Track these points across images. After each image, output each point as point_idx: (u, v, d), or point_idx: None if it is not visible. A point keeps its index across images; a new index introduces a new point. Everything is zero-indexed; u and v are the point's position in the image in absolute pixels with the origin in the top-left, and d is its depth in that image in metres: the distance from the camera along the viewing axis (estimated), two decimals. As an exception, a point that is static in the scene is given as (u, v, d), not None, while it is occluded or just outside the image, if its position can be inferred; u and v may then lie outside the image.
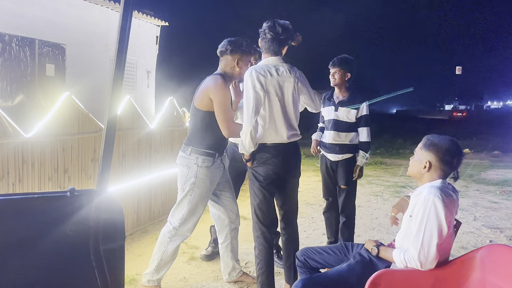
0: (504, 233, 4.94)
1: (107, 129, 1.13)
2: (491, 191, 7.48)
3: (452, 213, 2.10)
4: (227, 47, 2.95)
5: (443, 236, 2.03)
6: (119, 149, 4.18)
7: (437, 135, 2.24)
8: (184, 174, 2.98)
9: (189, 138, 3.02)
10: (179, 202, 3.02)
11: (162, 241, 3.04)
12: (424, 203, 2.07)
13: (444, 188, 2.12)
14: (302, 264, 2.60)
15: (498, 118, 36.59)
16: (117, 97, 1.12)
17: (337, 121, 3.79)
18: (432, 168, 2.17)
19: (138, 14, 9.25)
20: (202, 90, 2.91)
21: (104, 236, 1.14)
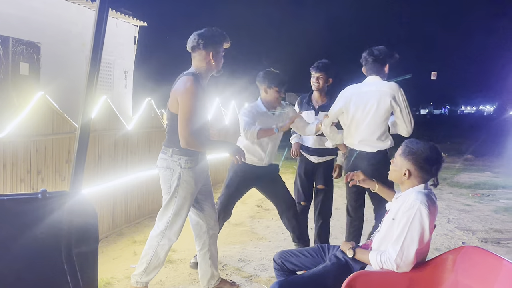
0: (476, 235, 5.06)
1: (81, 130, 1.11)
2: (464, 194, 7.66)
3: (435, 220, 2.14)
4: (199, 41, 2.80)
5: (424, 243, 2.07)
6: (95, 150, 4.10)
7: (416, 141, 2.24)
8: (167, 177, 2.89)
9: (168, 140, 2.91)
10: (165, 206, 2.94)
11: (151, 245, 2.96)
12: (410, 208, 2.08)
13: (430, 194, 2.15)
14: (279, 267, 2.60)
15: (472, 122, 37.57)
16: (91, 97, 1.10)
17: None
18: (411, 176, 2.20)
19: (116, 14, 9.13)
20: (172, 92, 2.80)
21: (76, 239, 1.11)
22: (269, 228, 5.02)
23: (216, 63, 2.89)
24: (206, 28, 2.87)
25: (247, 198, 6.48)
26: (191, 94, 2.70)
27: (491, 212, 6.24)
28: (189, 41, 2.87)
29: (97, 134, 4.12)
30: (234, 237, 4.60)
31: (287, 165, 10.52)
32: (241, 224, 5.12)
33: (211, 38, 2.83)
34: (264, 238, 4.62)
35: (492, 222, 5.70)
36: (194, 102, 2.71)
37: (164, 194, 2.95)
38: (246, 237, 4.64)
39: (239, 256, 4.02)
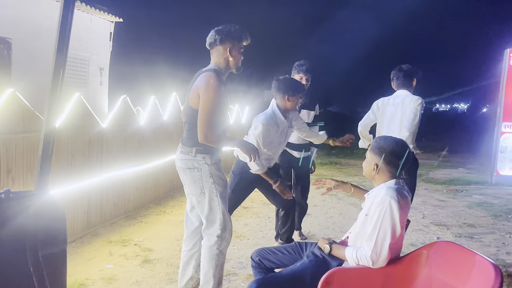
0: (450, 230, 5.17)
1: (46, 128, 1.06)
2: (438, 190, 7.82)
3: (406, 214, 2.16)
4: (216, 37, 2.79)
5: (396, 237, 2.09)
6: (68, 149, 4.00)
7: (385, 137, 2.31)
8: (197, 178, 2.82)
9: (190, 139, 2.83)
10: (210, 209, 2.85)
11: (211, 256, 2.86)
12: (380, 204, 2.12)
13: (400, 189, 2.18)
14: (257, 264, 2.59)
15: (446, 120, 38.40)
16: (57, 94, 1.06)
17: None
18: (380, 170, 2.25)
19: (91, 9, 8.94)
20: (194, 88, 2.75)
21: (43, 240, 1.07)
22: (248, 226, 5.01)
23: (234, 60, 2.85)
24: (224, 24, 2.85)
25: (225, 196, 6.45)
26: (214, 90, 2.68)
27: (465, 207, 6.39)
28: (208, 38, 2.84)
29: (71, 132, 4.02)
30: (212, 235, 4.56)
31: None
32: (219, 222, 5.09)
33: (228, 34, 2.80)
34: (242, 236, 4.60)
35: (466, 217, 5.83)
36: (217, 98, 2.69)
37: (198, 196, 2.85)
38: (224, 235, 4.61)
39: (217, 255, 3.99)
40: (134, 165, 5.16)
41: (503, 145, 8.48)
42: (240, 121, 9.08)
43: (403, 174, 2.27)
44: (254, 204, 6.06)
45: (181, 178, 2.94)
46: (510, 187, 8.16)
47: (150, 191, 5.70)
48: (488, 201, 6.87)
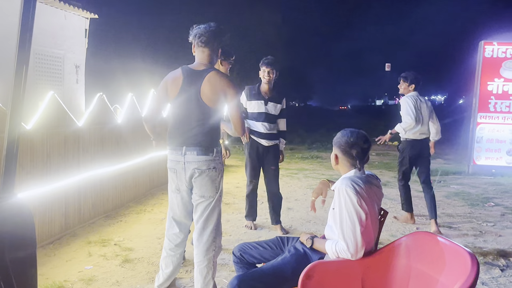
0: (429, 220, 5.25)
1: (9, 127, 1.02)
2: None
3: (369, 200, 2.15)
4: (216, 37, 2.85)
5: (364, 223, 2.10)
6: (43, 149, 3.91)
7: (345, 129, 2.37)
8: (214, 177, 2.82)
9: (209, 140, 2.81)
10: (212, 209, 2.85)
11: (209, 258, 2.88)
12: (339, 195, 2.16)
13: (356, 177, 2.21)
14: (239, 259, 2.58)
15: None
16: (20, 92, 1.01)
17: (267, 114, 4.49)
18: (339, 161, 2.32)
19: (65, 6, 8.73)
20: (217, 88, 2.75)
21: (10, 244, 1.03)
22: (230, 222, 4.99)
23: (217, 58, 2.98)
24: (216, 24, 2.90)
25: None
26: (237, 89, 2.85)
27: (443, 198, 6.50)
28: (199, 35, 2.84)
29: (45, 132, 3.93)
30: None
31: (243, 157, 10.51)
32: (201, 219, 5.06)
33: (223, 35, 2.92)
34: (224, 233, 4.58)
35: (444, 207, 5.93)
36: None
37: (211, 197, 2.84)
38: (206, 232, 4.58)
39: (199, 252, 3.96)
40: (113, 163, 5.08)
41: (479, 136, 8.66)
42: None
43: (359, 163, 2.28)
44: (236, 200, 6.05)
45: (193, 182, 2.83)
46: (486, 176, 8.35)
47: (129, 190, 5.62)
48: (465, 191, 7.01)
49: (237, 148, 11.76)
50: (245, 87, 4.60)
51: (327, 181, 2.57)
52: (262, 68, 4.44)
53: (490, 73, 8.51)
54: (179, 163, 2.82)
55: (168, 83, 2.86)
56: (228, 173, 8.31)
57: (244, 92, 4.51)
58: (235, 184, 7.25)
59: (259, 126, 4.49)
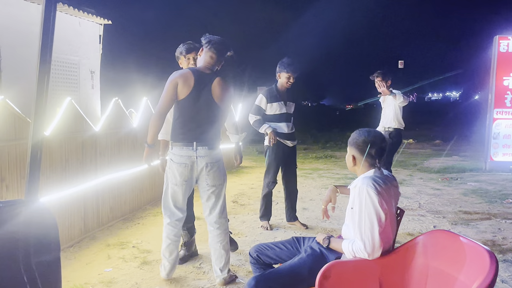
0: (446, 218, 5.20)
1: (33, 134, 1.05)
2: (433, 178, 7.86)
3: (389, 201, 2.16)
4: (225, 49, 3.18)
5: (383, 223, 2.10)
6: (62, 154, 3.98)
7: (362, 129, 2.37)
8: (221, 168, 3.24)
9: (216, 134, 3.19)
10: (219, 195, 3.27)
11: (227, 234, 3.34)
12: (359, 194, 2.16)
13: (376, 177, 2.21)
14: (255, 260, 2.59)
15: (439, 108, 38.55)
16: (43, 99, 1.05)
17: (288, 114, 4.64)
18: (357, 161, 2.31)
19: (79, 12, 8.88)
20: (223, 92, 3.11)
21: (35, 248, 1.06)
22: (245, 223, 5.02)
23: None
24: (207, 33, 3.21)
25: (222, 194, 6.46)
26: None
27: (460, 195, 6.43)
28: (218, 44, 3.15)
29: (64, 137, 4.00)
30: (210, 234, 4.57)
31: (261, 159, 10.53)
32: (217, 220, 5.09)
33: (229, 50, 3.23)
34: (240, 234, 4.61)
35: (461, 204, 5.87)
36: None
37: (221, 185, 3.24)
38: (222, 233, 4.61)
39: (216, 253, 3.99)
40: (129, 167, 5.15)
41: (495, 131, 8.53)
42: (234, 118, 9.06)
43: (378, 162, 2.29)
44: (251, 201, 6.07)
45: (206, 174, 3.16)
46: (504, 172, 8.22)
47: (146, 193, 5.69)
48: (483, 188, 6.92)
49: (250, 149, 11.79)
50: (263, 90, 4.68)
51: (335, 187, 2.58)
52: (287, 74, 4.51)
53: (506, 68, 8.38)
54: (191, 158, 3.09)
55: (180, 82, 3.01)
56: (242, 174, 8.34)
57: (263, 95, 4.58)
58: (250, 185, 7.27)
59: (283, 126, 4.59)
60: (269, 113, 4.58)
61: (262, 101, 4.56)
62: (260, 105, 4.58)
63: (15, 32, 7.56)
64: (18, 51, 7.59)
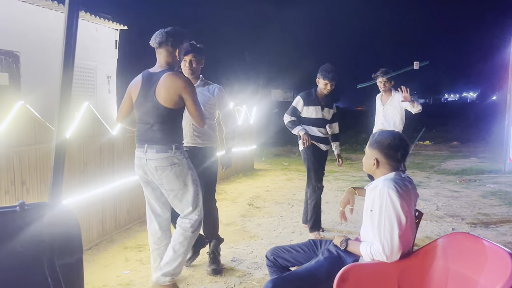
0: (465, 220, 5.12)
1: (57, 139, 1.08)
2: (451, 180, 7.75)
3: (409, 203, 2.15)
4: (168, 38, 2.96)
5: (403, 226, 2.08)
6: (80, 158, 4.05)
7: (382, 131, 2.35)
8: (178, 172, 2.98)
9: (167, 138, 2.95)
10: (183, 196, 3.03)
11: (186, 236, 3.05)
12: (380, 196, 2.14)
13: (397, 179, 2.19)
14: (272, 263, 2.59)
15: (456, 109, 38.03)
16: (66, 104, 1.07)
17: (323, 120, 4.60)
18: (380, 164, 2.27)
19: (96, 18, 9.02)
20: (169, 89, 2.88)
21: (59, 250, 1.08)
22: (261, 226, 5.02)
23: (179, 60, 3.10)
24: (174, 27, 3.03)
25: (237, 197, 6.48)
26: (192, 86, 2.96)
27: (479, 197, 6.32)
28: (156, 37, 2.98)
29: (82, 141, 4.07)
30: (226, 236, 4.57)
31: (276, 162, 10.53)
32: (233, 223, 5.11)
33: (178, 36, 3.00)
34: (256, 236, 4.61)
35: (480, 206, 5.77)
36: (195, 92, 3.00)
37: (180, 189, 3.01)
38: (238, 236, 4.63)
39: (232, 256, 4.01)
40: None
41: (515, 132, 8.37)
42: (249, 121, 9.10)
43: (403, 166, 2.28)
44: (266, 204, 6.07)
45: (156, 178, 3.01)
46: (524, 174, 8.07)
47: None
48: (502, 190, 6.80)
49: (266, 152, 11.79)
50: (302, 93, 4.67)
51: (353, 189, 2.57)
52: (324, 81, 4.50)
53: (525, 68, 8.22)
54: (142, 160, 3.02)
55: (131, 88, 3.09)
56: (257, 177, 8.35)
57: (301, 97, 4.59)
58: (265, 188, 7.28)
59: (316, 131, 4.56)
60: (304, 115, 4.58)
61: (299, 103, 4.58)
62: (296, 107, 4.59)
63: (33, 38, 7.71)
64: (37, 57, 7.74)
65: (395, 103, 5.23)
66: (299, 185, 7.26)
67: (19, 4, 7.44)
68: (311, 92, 4.61)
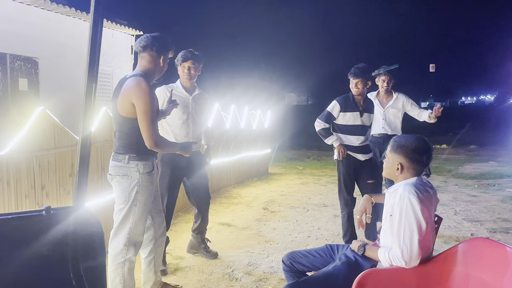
0: (484, 225, 5.04)
1: (81, 143, 1.10)
2: (469, 185, 7.63)
3: (430, 209, 2.13)
4: (154, 43, 2.78)
5: (423, 232, 2.06)
6: (98, 162, 4.10)
7: (403, 135, 2.31)
8: (124, 185, 2.74)
9: (122, 146, 2.77)
10: (124, 217, 2.76)
11: (117, 264, 2.77)
12: (400, 201, 2.11)
13: (418, 184, 2.16)
14: (289, 268, 2.59)
15: (473, 112, 37.51)
16: (90, 109, 1.10)
17: (362, 126, 4.15)
18: (404, 169, 2.22)
19: (112, 24, 9.16)
20: (123, 95, 2.67)
21: (83, 254, 1.11)
22: (276, 230, 5.01)
23: (162, 67, 2.90)
24: (159, 33, 2.89)
25: (252, 201, 6.48)
26: (148, 94, 2.65)
27: (498, 202, 6.21)
28: (141, 41, 2.82)
29: (99, 145, 4.12)
30: (241, 241, 4.59)
31: (290, 166, 10.51)
32: (248, 227, 5.11)
33: (166, 44, 2.85)
34: (271, 241, 4.61)
35: (500, 211, 5.67)
36: (152, 102, 2.68)
37: (120, 204, 2.77)
38: (253, 240, 4.63)
39: (248, 260, 4.01)
40: (162, 174, 5.23)
41: (535, 136, 8.22)
42: (263, 125, 9.11)
43: (428, 169, 2.25)
44: (281, 208, 6.07)
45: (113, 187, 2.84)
46: (545, 178, 7.90)
47: (178, 200, 5.73)
48: (522, 194, 6.67)
49: (280, 156, 11.78)
50: (338, 97, 4.21)
51: (369, 196, 2.55)
52: (350, 79, 4.10)
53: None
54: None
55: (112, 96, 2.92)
56: (271, 181, 8.35)
57: (337, 102, 4.15)
58: (279, 192, 7.27)
59: (353, 140, 4.14)
60: (340, 122, 4.16)
61: (335, 109, 4.13)
62: (331, 112, 4.14)
63: (52, 44, 7.87)
64: (55, 63, 7.89)
65: (399, 106, 4.88)
66: (314, 189, 7.24)
67: (38, 11, 7.60)
68: (349, 96, 4.14)
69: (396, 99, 4.91)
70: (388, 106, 4.92)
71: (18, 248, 1.05)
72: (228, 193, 7.04)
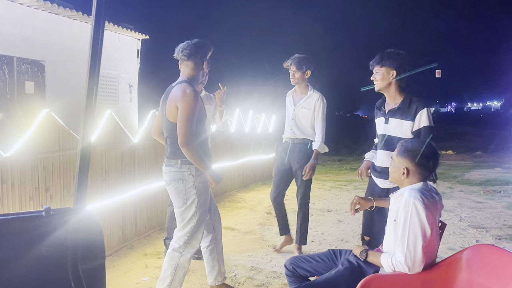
0: (490, 232, 4.99)
1: (81, 146, 1.10)
2: (475, 191, 7.58)
3: (435, 215, 2.11)
4: (197, 50, 2.88)
5: (427, 238, 2.04)
6: (102, 165, 4.11)
7: (410, 139, 2.30)
8: (181, 189, 2.87)
9: (174, 152, 2.89)
10: (186, 218, 2.89)
11: (173, 257, 2.92)
12: (405, 206, 2.09)
13: (424, 190, 2.15)
14: (291, 273, 2.57)
15: (479, 118, 37.30)
16: (91, 112, 1.10)
17: (388, 137, 2.92)
18: (410, 174, 2.21)
19: (118, 28, 9.21)
20: (171, 101, 2.81)
21: (83, 255, 1.10)
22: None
23: (203, 72, 3.05)
24: (199, 39, 2.96)
25: (256, 206, 6.46)
26: (192, 98, 2.75)
27: (504, 209, 6.16)
28: (184, 50, 2.89)
29: (104, 148, 4.14)
30: (244, 245, 4.58)
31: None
32: (251, 232, 5.10)
33: (207, 49, 2.96)
34: (275, 245, 4.59)
35: (505, 218, 5.62)
36: (194, 106, 2.76)
37: (180, 207, 2.91)
38: (256, 245, 4.61)
39: (251, 265, 3.99)
40: (166, 178, 5.24)
41: (541, 142, 8.15)
42: (267, 130, 9.10)
43: (434, 174, 2.24)
44: (285, 213, 6.04)
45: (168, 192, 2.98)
46: (551, 185, 7.83)
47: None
48: (529, 201, 6.61)
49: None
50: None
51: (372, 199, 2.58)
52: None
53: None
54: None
55: (161, 103, 3.01)
56: (276, 185, 8.32)
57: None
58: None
59: (378, 156, 3.08)
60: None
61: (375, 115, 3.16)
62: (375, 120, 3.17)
63: (59, 48, 7.92)
64: (62, 67, 7.94)
65: (310, 106, 4.22)
66: (317, 194, 7.21)
67: (45, 15, 7.67)
68: (383, 98, 3.08)
69: (309, 97, 4.16)
70: (299, 104, 4.24)
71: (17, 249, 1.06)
72: (232, 197, 7.03)
